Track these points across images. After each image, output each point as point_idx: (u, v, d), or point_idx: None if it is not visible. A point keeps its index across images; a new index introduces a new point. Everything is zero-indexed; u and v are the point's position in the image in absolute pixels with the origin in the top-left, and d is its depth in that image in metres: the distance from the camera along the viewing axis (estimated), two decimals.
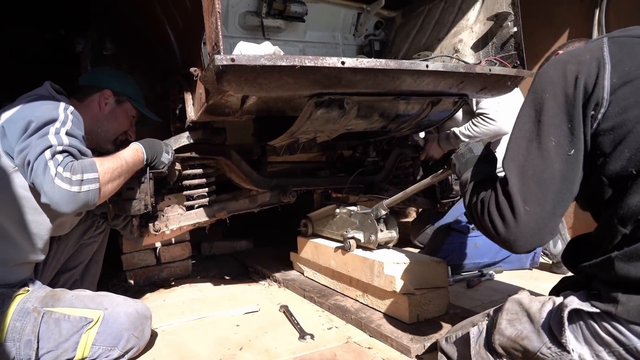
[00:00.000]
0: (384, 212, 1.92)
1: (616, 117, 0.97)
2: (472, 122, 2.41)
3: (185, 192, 1.95)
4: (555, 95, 1.03)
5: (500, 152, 2.50)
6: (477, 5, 2.04)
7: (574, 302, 0.99)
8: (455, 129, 2.47)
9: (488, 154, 1.36)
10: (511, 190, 1.04)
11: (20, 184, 1.40)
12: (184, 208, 1.97)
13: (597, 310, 0.96)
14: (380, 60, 1.45)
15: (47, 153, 1.31)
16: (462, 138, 2.44)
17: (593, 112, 1.00)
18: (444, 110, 1.99)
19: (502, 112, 2.34)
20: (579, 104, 1.00)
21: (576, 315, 0.99)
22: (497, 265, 2.38)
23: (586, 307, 0.98)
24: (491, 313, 1.19)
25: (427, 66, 1.53)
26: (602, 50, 1.02)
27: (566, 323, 0.98)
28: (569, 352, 0.98)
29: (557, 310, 1.02)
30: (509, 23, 1.89)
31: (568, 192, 1.02)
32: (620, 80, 0.97)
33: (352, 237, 1.98)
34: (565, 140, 1.01)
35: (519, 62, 1.86)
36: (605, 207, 1.03)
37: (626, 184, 0.97)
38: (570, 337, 0.98)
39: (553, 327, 1.02)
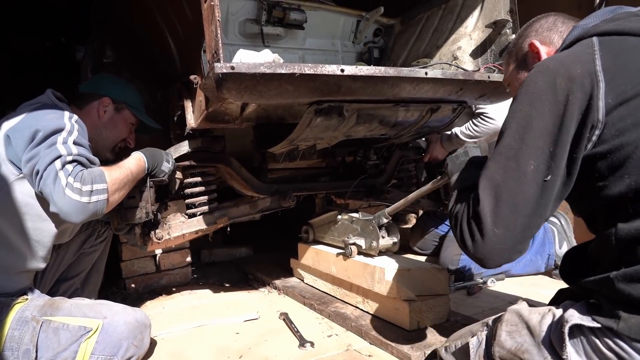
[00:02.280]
0: (385, 220, 1.92)
1: (612, 139, 0.93)
2: (473, 122, 2.42)
3: (186, 200, 1.95)
4: (542, 114, 0.97)
5: None
6: (476, 13, 2.05)
7: (574, 316, 0.97)
8: (457, 129, 2.47)
9: (480, 158, 1.34)
10: (482, 211, 1.01)
11: (23, 191, 1.40)
12: (186, 216, 1.97)
13: (599, 325, 0.94)
14: (379, 67, 1.46)
15: (57, 163, 1.32)
16: (463, 138, 2.44)
17: (588, 135, 0.94)
18: (444, 117, 1.99)
19: (501, 111, 2.34)
20: (568, 127, 0.94)
21: (577, 329, 0.97)
22: (512, 270, 2.37)
23: (587, 322, 0.95)
24: (490, 323, 1.18)
25: (426, 73, 1.53)
26: (594, 62, 0.96)
27: (567, 338, 0.96)
28: None
29: (557, 325, 1.00)
30: (507, 30, 1.90)
31: (539, 218, 1.00)
32: (616, 100, 0.92)
33: (354, 244, 1.98)
34: (544, 165, 0.97)
35: None
36: (604, 226, 1.00)
37: (626, 209, 0.94)
38: (571, 352, 0.96)
39: (554, 341, 1.00)
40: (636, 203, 0.93)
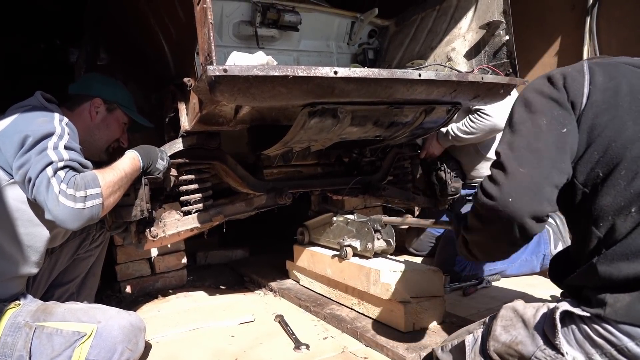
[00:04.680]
0: (380, 228, 1.93)
1: (590, 120, 1.04)
2: (469, 118, 2.42)
3: (181, 198, 1.94)
4: (542, 93, 1.09)
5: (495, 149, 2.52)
6: (470, 14, 2.05)
7: (565, 304, 1.02)
8: (453, 126, 2.47)
9: None
10: (503, 159, 1.05)
11: (14, 196, 1.39)
12: (181, 213, 1.96)
13: (588, 314, 0.98)
14: (373, 69, 1.46)
15: (49, 170, 1.31)
16: (460, 134, 2.44)
17: (575, 114, 1.06)
18: (438, 118, 1.99)
19: (497, 107, 2.34)
20: (565, 99, 1.07)
21: (569, 319, 1.02)
22: (507, 271, 2.38)
23: (577, 310, 1.00)
24: (487, 321, 1.20)
25: (419, 75, 1.53)
26: (582, 65, 1.12)
27: (559, 325, 1.00)
28: (562, 354, 1.00)
29: (550, 314, 1.04)
30: (501, 31, 1.91)
31: (563, 163, 1.03)
32: (595, 88, 1.05)
33: (349, 245, 1.98)
34: (557, 120, 1.04)
35: (511, 70, 1.87)
36: (579, 211, 1.07)
37: (596, 187, 1.02)
38: (563, 342, 1.00)
39: (546, 330, 1.04)
40: (604, 179, 1.01)
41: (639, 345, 0.93)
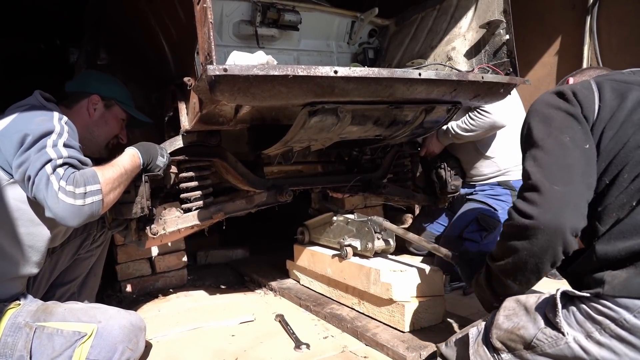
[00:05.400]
0: (379, 230, 1.93)
1: (598, 135, 1.11)
2: (469, 116, 2.42)
3: (182, 195, 1.94)
4: (558, 108, 1.13)
5: (496, 146, 2.52)
6: (470, 14, 2.05)
7: (566, 287, 1.09)
8: (453, 123, 2.47)
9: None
10: (535, 180, 1.06)
11: (14, 196, 1.39)
12: (181, 211, 1.96)
13: (588, 295, 1.03)
14: (373, 69, 1.46)
15: (48, 167, 1.31)
16: (460, 132, 2.44)
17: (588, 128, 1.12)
18: (438, 117, 1.99)
19: (497, 105, 2.34)
20: (580, 114, 1.12)
21: (570, 302, 1.06)
22: None
23: (578, 292, 1.05)
24: (491, 314, 1.23)
25: (419, 74, 1.53)
26: (590, 83, 1.18)
27: (559, 304, 1.04)
28: (563, 334, 1.04)
29: (551, 296, 1.09)
30: (501, 31, 1.91)
31: (591, 178, 1.07)
32: (604, 105, 1.13)
33: (349, 245, 1.98)
34: (579, 137, 1.08)
35: (511, 70, 1.87)
36: (588, 214, 1.10)
37: (602, 191, 1.08)
38: (563, 321, 1.04)
39: (547, 311, 1.08)
40: (609, 184, 1.08)
41: (637, 317, 0.97)
